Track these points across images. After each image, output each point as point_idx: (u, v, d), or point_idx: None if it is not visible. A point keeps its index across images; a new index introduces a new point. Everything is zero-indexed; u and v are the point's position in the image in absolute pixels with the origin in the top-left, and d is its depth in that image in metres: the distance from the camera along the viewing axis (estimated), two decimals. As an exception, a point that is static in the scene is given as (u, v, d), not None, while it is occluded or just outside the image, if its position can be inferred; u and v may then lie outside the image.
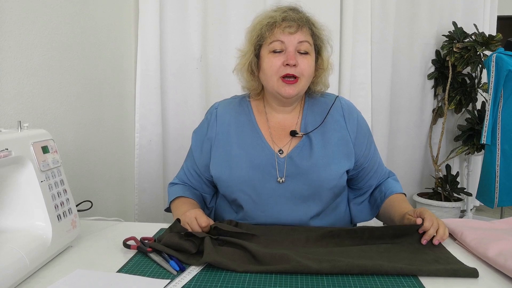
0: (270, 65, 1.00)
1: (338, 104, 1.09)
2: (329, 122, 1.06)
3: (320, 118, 1.06)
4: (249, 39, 1.06)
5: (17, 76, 1.21)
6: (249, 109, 1.11)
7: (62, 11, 1.44)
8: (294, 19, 0.99)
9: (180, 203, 1.09)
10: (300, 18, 1.00)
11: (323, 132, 1.05)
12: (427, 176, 3.02)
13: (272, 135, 1.07)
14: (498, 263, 0.75)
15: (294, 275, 0.74)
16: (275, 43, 0.99)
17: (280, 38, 0.99)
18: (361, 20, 2.53)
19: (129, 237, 0.89)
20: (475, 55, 2.61)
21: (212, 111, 1.15)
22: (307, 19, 1.02)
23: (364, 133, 1.10)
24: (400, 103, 2.87)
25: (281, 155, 1.05)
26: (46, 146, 0.84)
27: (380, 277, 0.73)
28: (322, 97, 1.12)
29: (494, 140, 2.31)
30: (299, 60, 0.99)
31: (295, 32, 0.99)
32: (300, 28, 0.99)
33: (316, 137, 1.05)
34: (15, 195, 0.80)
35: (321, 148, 1.04)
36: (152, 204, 2.28)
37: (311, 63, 1.02)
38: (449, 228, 0.96)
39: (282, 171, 1.03)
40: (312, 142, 1.04)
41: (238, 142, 1.06)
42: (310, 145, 1.04)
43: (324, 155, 1.03)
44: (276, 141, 1.06)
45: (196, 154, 1.13)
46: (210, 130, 1.11)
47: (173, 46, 2.34)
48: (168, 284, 0.70)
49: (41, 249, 0.77)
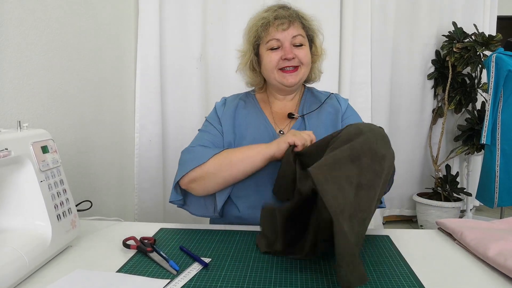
0: (269, 60, 1.11)
1: (333, 96, 1.22)
2: (323, 109, 1.17)
3: (316, 106, 1.18)
4: (247, 39, 1.17)
5: (16, 75, 1.21)
6: (255, 100, 1.21)
7: (62, 11, 1.44)
8: (285, 16, 1.09)
9: (242, 148, 1.04)
10: (290, 14, 1.10)
11: (318, 116, 1.16)
12: (427, 176, 3.02)
13: (275, 119, 1.17)
14: (498, 263, 0.75)
15: (294, 276, 0.74)
16: (272, 41, 1.10)
17: (275, 36, 1.09)
18: (361, 21, 2.53)
19: (129, 237, 0.89)
20: (475, 55, 2.61)
21: (221, 100, 1.23)
22: (297, 14, 1.12)
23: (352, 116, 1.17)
24: (400, 103, 2.87)
25: (281, 135, 1.12)
26: (45, 146, 0.84)
27: (380, 277, 0.73)
28: (319, 92, 1.25)
29: (494, 140, 2.31)
30: (296, 52, 1.10)
31: (287, 28, 1.09)
32: (292, 23, 1.10)
33: (310, 120, 1.14)
34: (15, 195, 0.80)
35: (314, 129, 1.11)
36: (152, 203, 2.28)
37: (307, 52, 1.13)
38: (449, 228, 0.96)
39: None
40: (306, 123, 1.14)
41: (244, 124, 1.14)
42: (304, 126, 1.14)
43: (317, 135, 1.05)
44: (278, 123, 1.16)
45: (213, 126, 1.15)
46: (219, 111, 1.18)
47: (173, 46, 2.35)
48: (167, 284, 0.70)
49: (41, 249, 0.77)
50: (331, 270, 0.76)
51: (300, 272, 0.75)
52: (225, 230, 0.98)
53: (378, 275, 0.74)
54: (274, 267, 0.77)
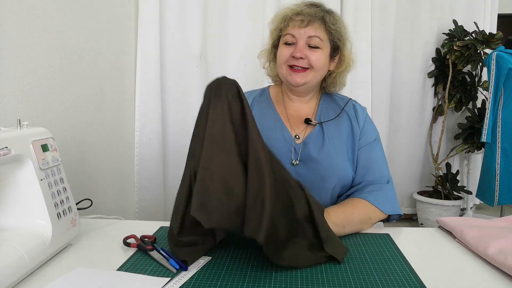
0: (281, 54, 1.08)
1: (350, 104, 1.16)
2: (341, 118, 1.13)
3: (334, 113, 1.13)
4: (270, 30, 1.14)
5: (17, 74, 1.20)
6: (269, 99, 1.17)
7: (62, 10, 1.44)
8: (307, 13, 1.04)
9: None
10: (314, 13, 1.05)
11: (336, 125, 1.11)
12: (427, 174, 3.02)
13: (290, 121, 1.13)
14: (498, 261, 0.75)
15: (294, 274, 0.74)
16: (287, 36, 1.07)
17: (291, 32, 1.06)
18: (361, 19, 2.53)
19: (129, 235, 0.89)
20: (476, 53, 2.61)
21: None
22: (323, 16, 1.06)
23: (367, 135, 1.12)
24: (400, 102, 2.87)
25: (297, 141, 1.10)
26: (45, 145, 0.84)
27: (380, 275, 0.73)
28: (337, 96, 1.20)
29: (494, 139, 2.31)
30: (308, 53, 1.04)
31: (305, 27, 1.04)
32: (311, 23, 1.04)
33: (329, 128, 1.10)
34: (15, 193, 0.80)
35: (332, 138, 1.09)
36: (152, 202, 2.28)
37: (321, 56, 1.06)
38: (449, 226, 0.96)
39: (297, 155, 1.08)
40: (324, 131, 1.10)
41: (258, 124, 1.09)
42: (322, 134, 1.09)
43: (334, 145, 1.08)
44: (293, 127, 1.12)
45: None
46: None
47: (173, 44, 2.34)
48: (168, 282, 0.70)
49: (41, 247, 0.77)
50: (331, 267, 0.76)
51: (300, 271, 0.75)
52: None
53: (379, 273, 0.74)
54: (275, 266, 0.77)
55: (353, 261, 0.80)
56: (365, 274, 0.74)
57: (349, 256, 0.82)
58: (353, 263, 0.79)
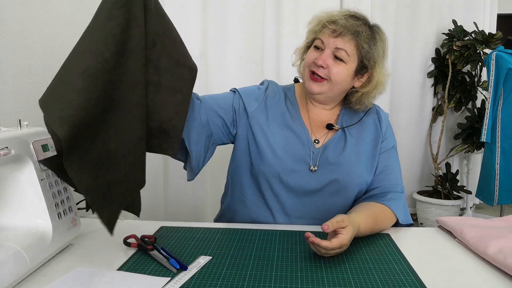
0: (307, 56, 1.08)
1: (374, 109, 1.16)
2: (364, 124, 1.12)
3: (357, 117, 1.13)
4: (307, 30, 1.13)
5: (17, 74, 1.21)
6: (294, 98, 1.15)
7: (62, 10, 1.44)
8: (340, 24, 1.01)
9: None
10: (349, 26, 1.01)
11: (359, 129, 1.11)
12: (427, 174, 3.02)
13: (312, 125, 1.12)
14: (498, 261, 0.76)
15: (294, 274, 0.74)
16: (318, 41, 1.05)
17: (322, 38, 1.04)
18: (361, 18, 2.52)
19: (130, 235, 0.89)
20: (475, 53, 2.61)
21: (264, 82, 1.18)
22: (357, 30, 1.01)
23: (388, 141, 1.13)
24: (400, 101, 2.87)
25: (317, 145, 1.08)
26: (46, 145, 0.84)
27: (380, 275, 0.73)
28: None
29: (494, 138, 2.31)
30: (330, 64, 1.02)
31: (335, 37, 1.02)
32: (342, 35, 1.01)
33: (351, 134, 1.10)
34: (15, 193, 0.80)
35: (354, 144, 1.08)
36: (153, 202, 2.28)
37: (342, 71, 1.02)
38: (449, 226, 0.96)
39: (316, 160, 1.06)
40: (346, 137, 1.09)
41: (279, 120, 1.10)
42: (344, 139, 1.09)
43: (356, 151, 1.07)
44: (314, 131, 1.11)
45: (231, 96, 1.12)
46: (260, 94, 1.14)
47: (172, 44, 2.34)
48: (168, 282, 0.70)
49: (41, 247, 0.77)
50: (331, 267, 0.76)
51: (300, 271, 0.75)
52: (226, 228, 0.98)
53: (379, 273, 0.74)
54: (275, 266, 0.77)
55: (353, 261, 0.80)
56: (365, 274, 0.74)
57: (349, 256, 0.82)
58: (353, 263, 0.79)
